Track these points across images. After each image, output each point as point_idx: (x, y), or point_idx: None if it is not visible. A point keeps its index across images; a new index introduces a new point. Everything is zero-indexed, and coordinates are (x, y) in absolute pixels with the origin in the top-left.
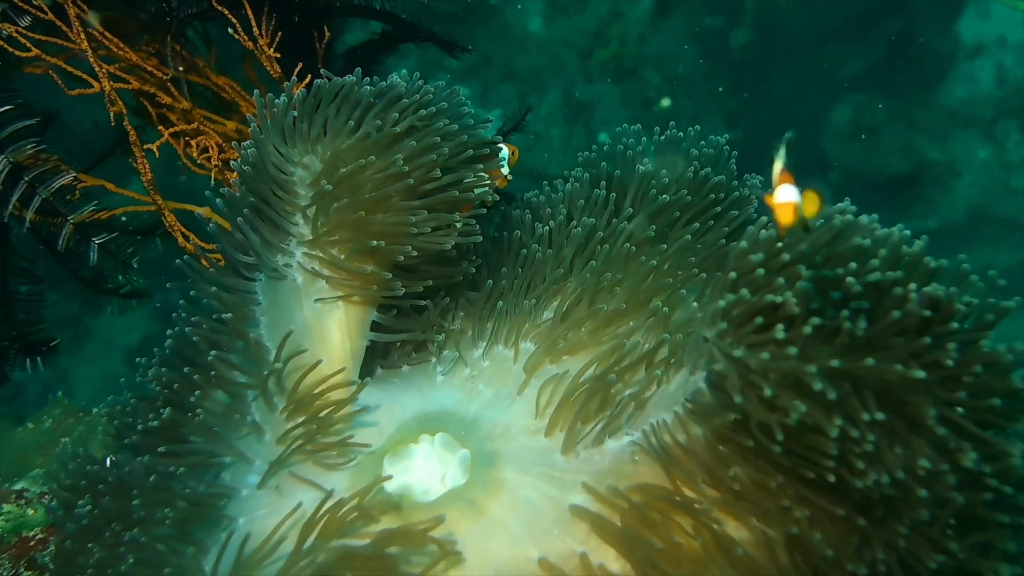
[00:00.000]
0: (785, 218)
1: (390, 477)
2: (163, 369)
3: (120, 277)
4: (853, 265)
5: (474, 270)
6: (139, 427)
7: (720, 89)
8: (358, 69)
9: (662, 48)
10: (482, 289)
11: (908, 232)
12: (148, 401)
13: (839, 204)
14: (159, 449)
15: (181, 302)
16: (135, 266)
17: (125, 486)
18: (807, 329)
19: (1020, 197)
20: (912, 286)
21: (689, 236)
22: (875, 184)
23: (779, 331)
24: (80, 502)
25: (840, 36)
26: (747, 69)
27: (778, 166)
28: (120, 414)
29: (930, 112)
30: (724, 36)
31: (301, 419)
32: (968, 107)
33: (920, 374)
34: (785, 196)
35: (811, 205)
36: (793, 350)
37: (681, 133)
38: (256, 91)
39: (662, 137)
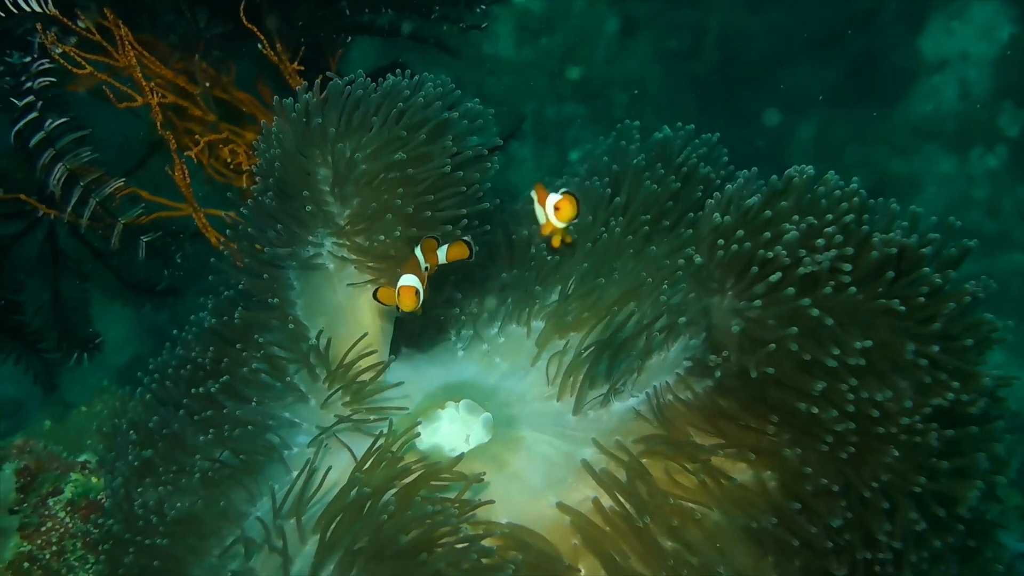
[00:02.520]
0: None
1: (419, 434)
2: (210, 348)
3: (164, 272)
4: (830, 217)
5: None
6: (191, 391)
7: (685, 108)
8: (359, 71)
9: (628, 69)
10: (495, 276)
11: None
12: (192, 371)
13: (799, 167)
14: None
15: (211, 296)
16: (178, 260)
17: (179, 440)
18: (801, 271)
19: (982, 208)
20: (892, 234)
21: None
22: None
23: (773, 277)
24: (133, 450)
25: (803, 54)
26: (711, 88)
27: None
28: (162, 380)
29: (893, 127)
30: (688, 57)
31: (341, 387)
32: (931, 121)
33: (897, 304)
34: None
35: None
36: (790, 291)
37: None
38: (276, 98)
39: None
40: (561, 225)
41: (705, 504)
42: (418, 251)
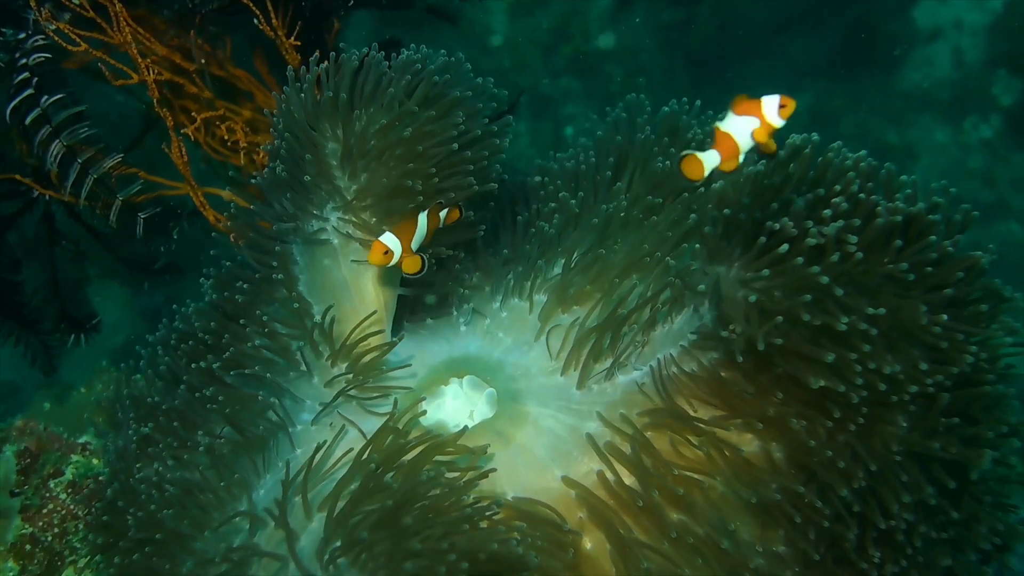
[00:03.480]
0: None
1: (424, 412)
2: (211, 323)
3: (162, 249)
4: (838, 187)
5: (485, 229)
6: (192, 367)
7: (680, 82)
8: (374, 44)
9: (623, 43)
10: (497, 250)
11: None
12: (193, 346)
13: (804, 135)
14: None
15: (214, 269)
16: (175, 237)
17: (181, 415)
18: (809, 241)
19: (977, 177)
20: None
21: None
22: None
23: (782, 249)
24: (133, 425)
25: (798, 25)
26: (707, 61)
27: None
28: (163, 355)
29: (888, 97)
30: (683, 29)
31: (345, 365)
32: (926, 91)
33: (905, 267)
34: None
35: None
36: (799, 260)
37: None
38: (289, 68)
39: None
40: (782, 123)
41: (710, 476)
42: (422, 217)
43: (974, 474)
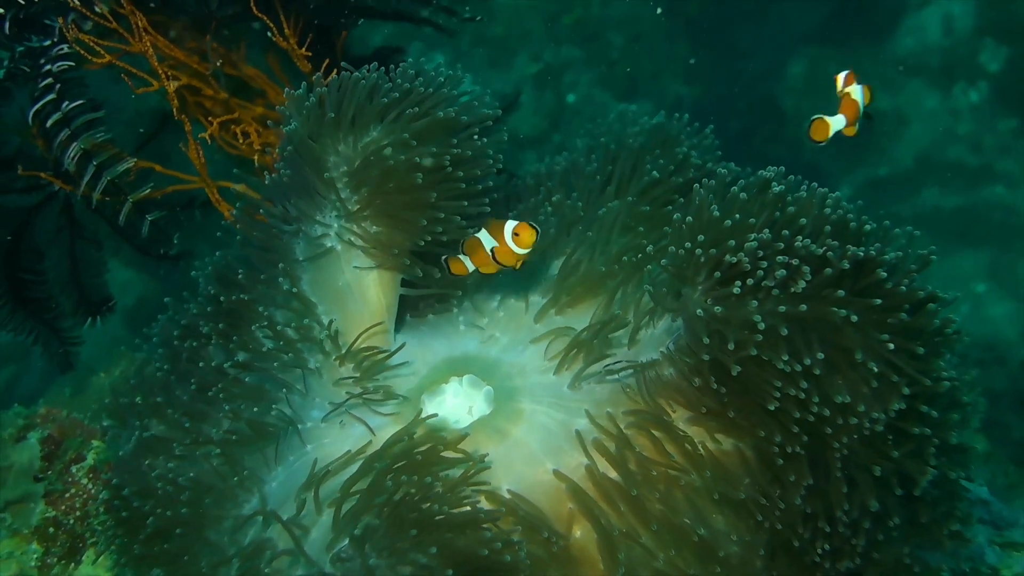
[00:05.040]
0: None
1: (434, 415)
2: (222, 325)
3: (161, 250)
4: (785, 233)
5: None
6: (199, 365)
7: (679, 48)
8: (374, 64)
9: (623, 10)
10: None
11: (838, 193)
12: (201, 341)
13: (771, 170)
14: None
15: (210, 259)
16: (175, 241)
17: (191, 410)
18: (768, 282)
19: (966, 143)
20: (841, 247)
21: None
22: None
23: (735, 287)
24: (143, 419)
25: None
26: (705, 28)
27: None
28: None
29: (880, 63)
30: None
31: (352, 365)
32: (916, 57)
33: (844, 313)
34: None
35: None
36: (753, 303)
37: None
38: (287, 91)
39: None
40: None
41: (687, 472)
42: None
43: (917, 491)
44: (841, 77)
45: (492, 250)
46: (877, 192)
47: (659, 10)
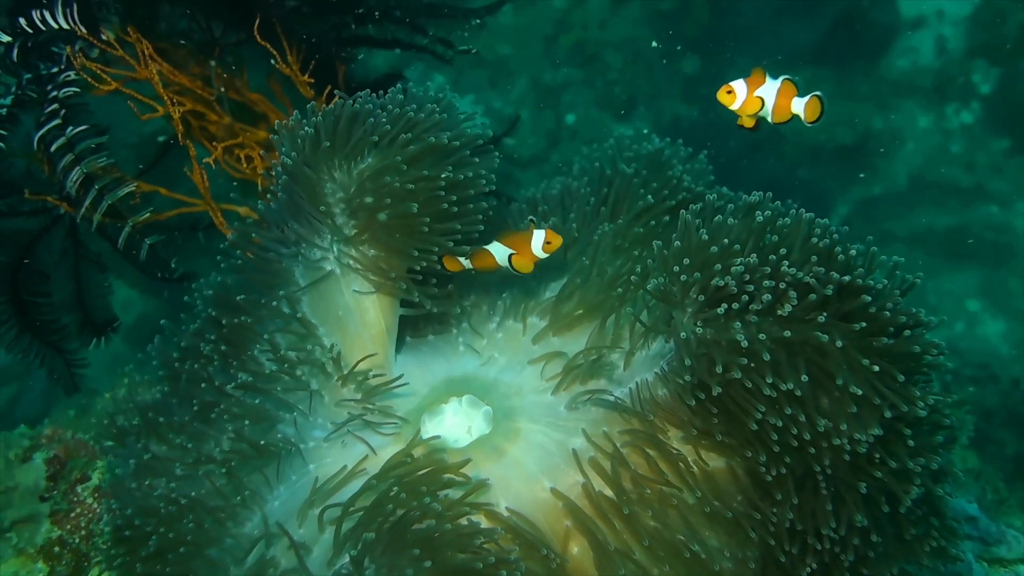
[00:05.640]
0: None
1: (437, 437)
2: (223, 347)
3: (160, 273)
4: (773, 258)
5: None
6: (202, 385)
7: (677, 68)
8: (367, 91)
9: (622, 32)
10: (494, 273)
11: (825, 220)
12: (202, 363)
13: (756, 195)
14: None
15: (210, 279)
16: (173, 266)
17: (191, 430)
18: (754, 306)
19: (960, 162)
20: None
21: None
22: (825, 154)
23: (720, 309)
24: (143, 439)
25: (789, 13)
26: (702, 49)
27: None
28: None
29: (874, 83)
30: (679, 18)
31: (353, 386)
32: (910, 77)
33: (824, 338)
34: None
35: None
36: (737, 325)
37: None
38: (280, 121)
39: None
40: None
41: (680, 489)
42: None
43: (902, 508)
44: (737, 85)
45: (510, 258)
46: (871, 211)
47: (654, 43)
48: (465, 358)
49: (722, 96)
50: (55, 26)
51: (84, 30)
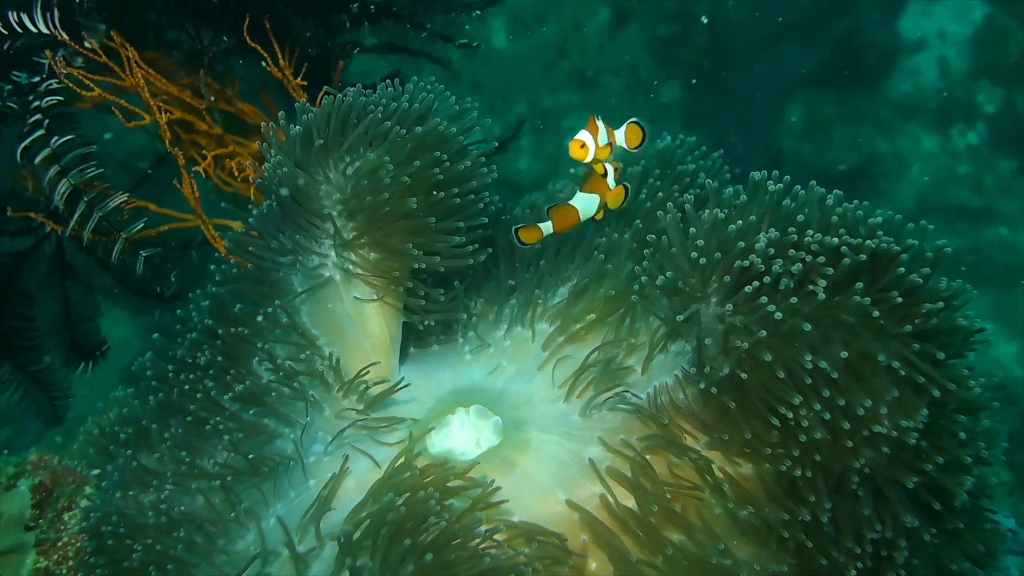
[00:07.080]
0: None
1: (444, 450)
2: (220, 358)
3: (157, 288)
4: (793, 230)
5: (484, 259)
6: (197, 397)
7: (677, 93)
8: (358, 85)
9: (620, 57)
10: (499, 279)
11: (840, 192)
12: (198, 375)
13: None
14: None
15: (206, 291)
16: (172, 279)
17: (185, 443)
18: (785, 282)
19: (967, 183)
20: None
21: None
22: (829, 178)
23: (749, 288)
24: (135, 452)
25: (789, 37)
26: (702, 73)
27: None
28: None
29: (877, 106)
30: (679, 43)
31: (354, 397)
32: (913, 99)
33: (867, 302)
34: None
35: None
36: (771, 307)
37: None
38: (281, 113)
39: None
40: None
41: (706, 497)
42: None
43: (956, 501)
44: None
45: (601, 200)
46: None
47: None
48: (472, 368)
49: (575, 152)
50: (34, 30)
51: (65, 35)
